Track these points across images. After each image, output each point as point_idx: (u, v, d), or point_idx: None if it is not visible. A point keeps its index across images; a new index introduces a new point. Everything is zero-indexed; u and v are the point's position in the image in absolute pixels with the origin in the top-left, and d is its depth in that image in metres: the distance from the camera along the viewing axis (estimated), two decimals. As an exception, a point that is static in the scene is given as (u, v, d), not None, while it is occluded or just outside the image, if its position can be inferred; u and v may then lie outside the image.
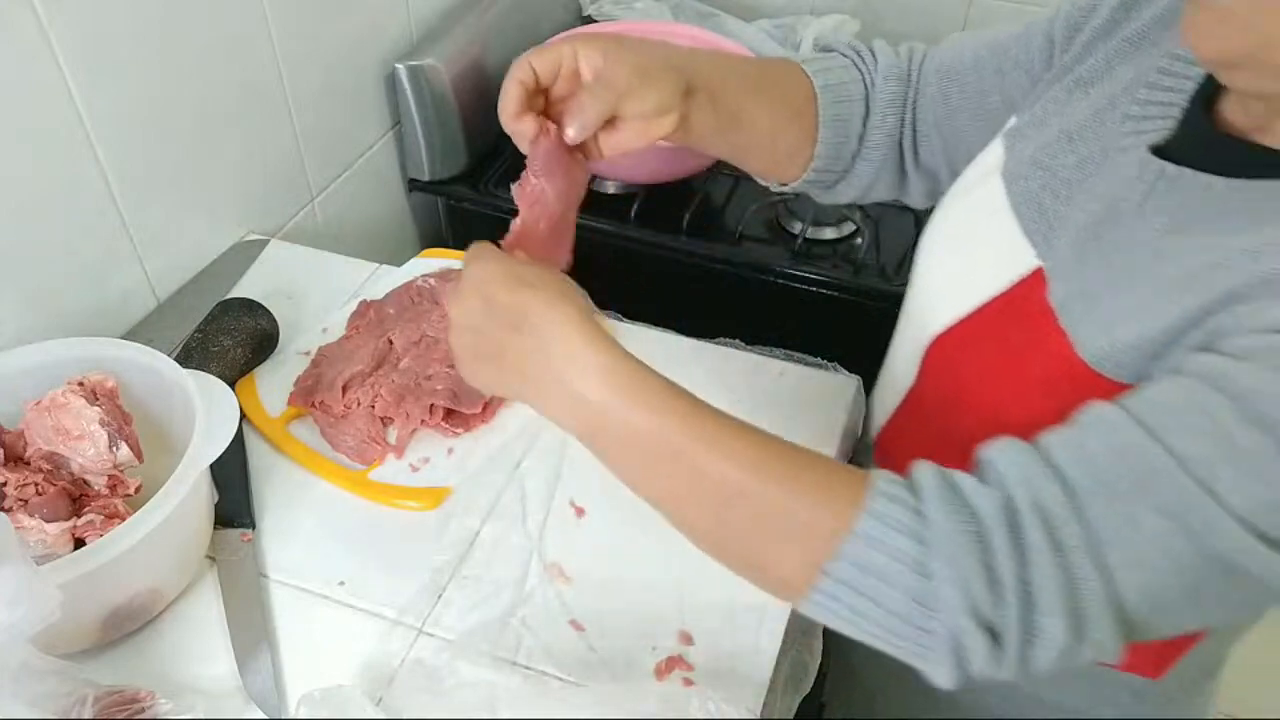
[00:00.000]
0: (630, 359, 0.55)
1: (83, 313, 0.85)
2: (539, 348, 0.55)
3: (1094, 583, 0.48)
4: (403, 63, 1.16)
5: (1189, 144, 0.59)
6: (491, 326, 0.57)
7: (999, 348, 0.65)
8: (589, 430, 0.56)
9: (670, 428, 0.54)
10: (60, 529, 0.64)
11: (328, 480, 0.77)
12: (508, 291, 0.56)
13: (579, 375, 0.54)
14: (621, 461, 0.56)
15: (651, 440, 0.54)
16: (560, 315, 0.55)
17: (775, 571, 0.54)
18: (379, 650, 0.66)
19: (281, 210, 1.08)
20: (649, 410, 0.54)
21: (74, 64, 0.78)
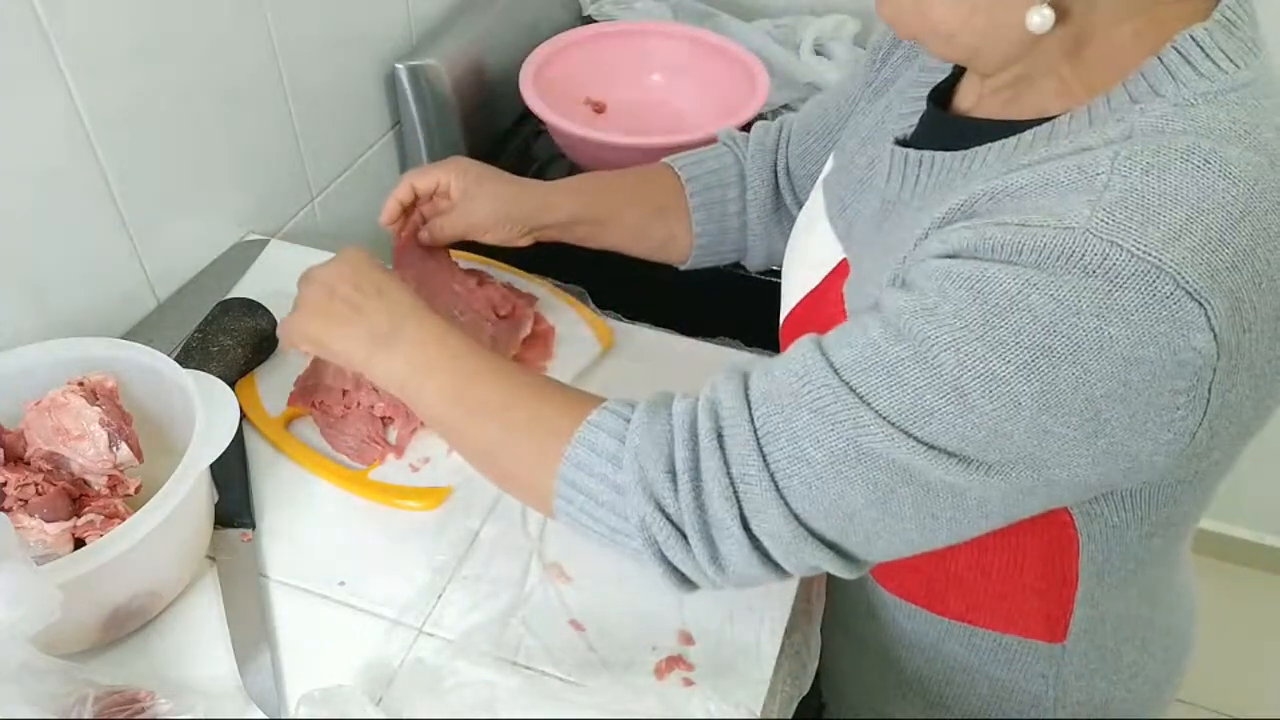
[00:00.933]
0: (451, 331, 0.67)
1: (83, 313, 0.85)
2: (394, 311, 0.67)
3: (755, 472, 0.54)
4: (403, 63, 1.16)
5: (927, 131, 0.66)
6: (351, 289, 0.68)
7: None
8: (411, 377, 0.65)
9: (470, 371, 0.65)
10: (60, 529, 0.64)
11: (328, 480, 0.77)
12: (379, 272, 0.70)
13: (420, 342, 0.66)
14: (429, 401, 0.65)
15: (458, 395, 0.64)
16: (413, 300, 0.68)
17: (524, 479, 0.64)
18: (379, 650, 0.66)
19: (281, 210, 1.08)
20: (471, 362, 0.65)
21: (74, 64, 0.78)
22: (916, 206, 0.62)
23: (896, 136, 0.67)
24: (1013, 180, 0.53)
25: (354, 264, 0.70)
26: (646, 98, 1.32)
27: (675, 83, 1.32)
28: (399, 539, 0.73)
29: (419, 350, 0.66)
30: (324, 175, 1.13)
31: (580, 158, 1.20)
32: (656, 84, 1.33)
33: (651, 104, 1.31)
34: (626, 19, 1.44)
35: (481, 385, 0.64)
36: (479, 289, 0.89)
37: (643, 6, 1.46)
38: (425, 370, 0.65)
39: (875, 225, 0.67)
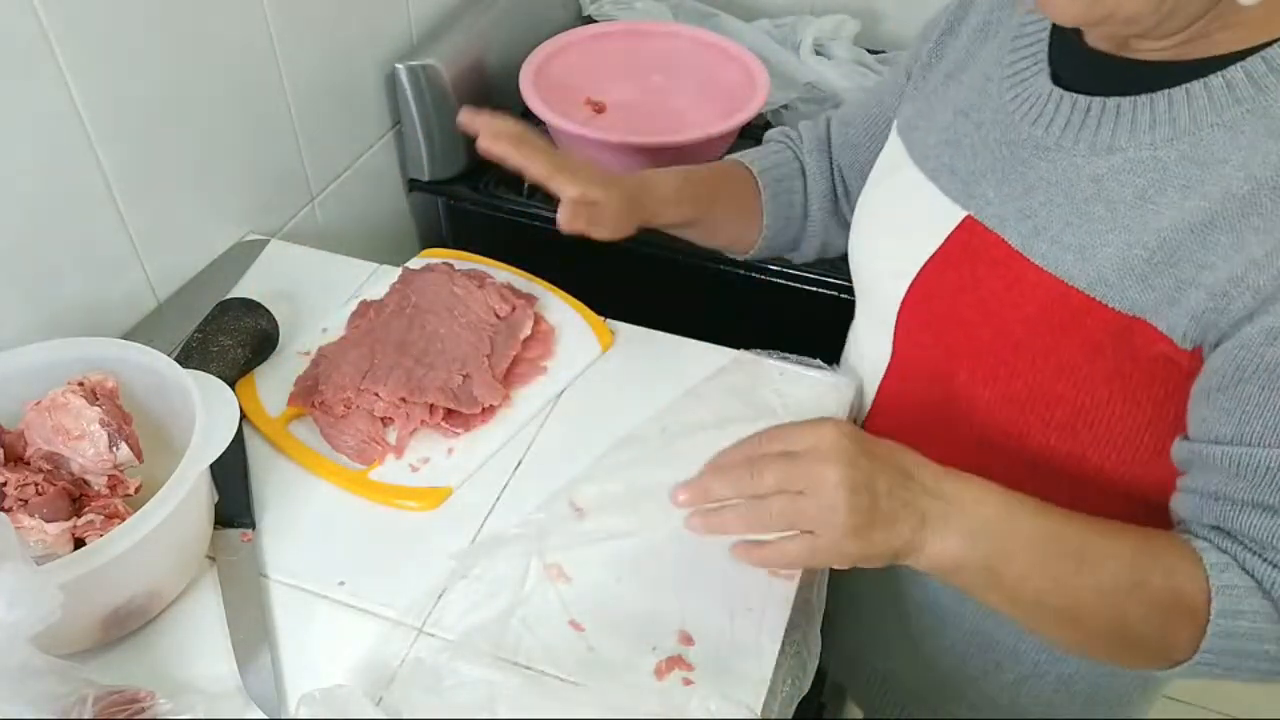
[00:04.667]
0: (987, 483, 0.61)
1: (83, 313, 0.85)
2: (932, 492, 0.59)
3: None
4: (403, 63, 1.16)
5: (1078, 71, 0.68)
6: (883, 479, 0.58)
7: (959, 297, 0.72)
8: (988, 553, 0.59)
9: (1069, 530, 0.60)
10: (60, 529, 0.64)
11: (328, 480, 0.77)
12: (874, 443, 0.60)
13: (976, 500, 0.59)
14: (1022, 571, 0.59)
15: (1053, 541, 0.59)
16: (924, 461, 0.61)
17: (1160, 656, 0.61)
18: (379, 650, 0.66)
19: (281, 210, 1.08)
20: (1044, 516, 0.60)
21: (74, 64, 0.78)
22: (1097, 153, 0.65)
23: (1052, 77, 0.68)
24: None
25: (857, 448, 0.58)
26: (646, 98, 1.32)
27: (675, 83, 1.32)
28: (399, 539, 0.73)
29: (988, 528, 0.59)
30: (324, 175, 1.13)
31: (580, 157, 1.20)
32: (656, 84, 1.33)
33: (651, 104, 1.31)
34: (626, 19, 1.44)
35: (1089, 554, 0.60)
36: (479, 290, 0.89)
37: (643, 6, 1.46)
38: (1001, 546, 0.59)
39: (1019, 177, 0.68)
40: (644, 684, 0.64)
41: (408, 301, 0.89)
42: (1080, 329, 0.64)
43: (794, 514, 0.58)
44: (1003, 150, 0.70)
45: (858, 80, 1.33)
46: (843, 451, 0.57)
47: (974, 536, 0.59)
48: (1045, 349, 0.66)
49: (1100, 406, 0.67)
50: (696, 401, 0.83)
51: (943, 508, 0.59)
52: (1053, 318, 0.65)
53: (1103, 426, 0.68)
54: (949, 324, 0.73)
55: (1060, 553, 0.59)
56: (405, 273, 0.93)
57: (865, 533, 0.57)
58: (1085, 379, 0.66)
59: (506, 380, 0.84)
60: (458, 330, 0.86)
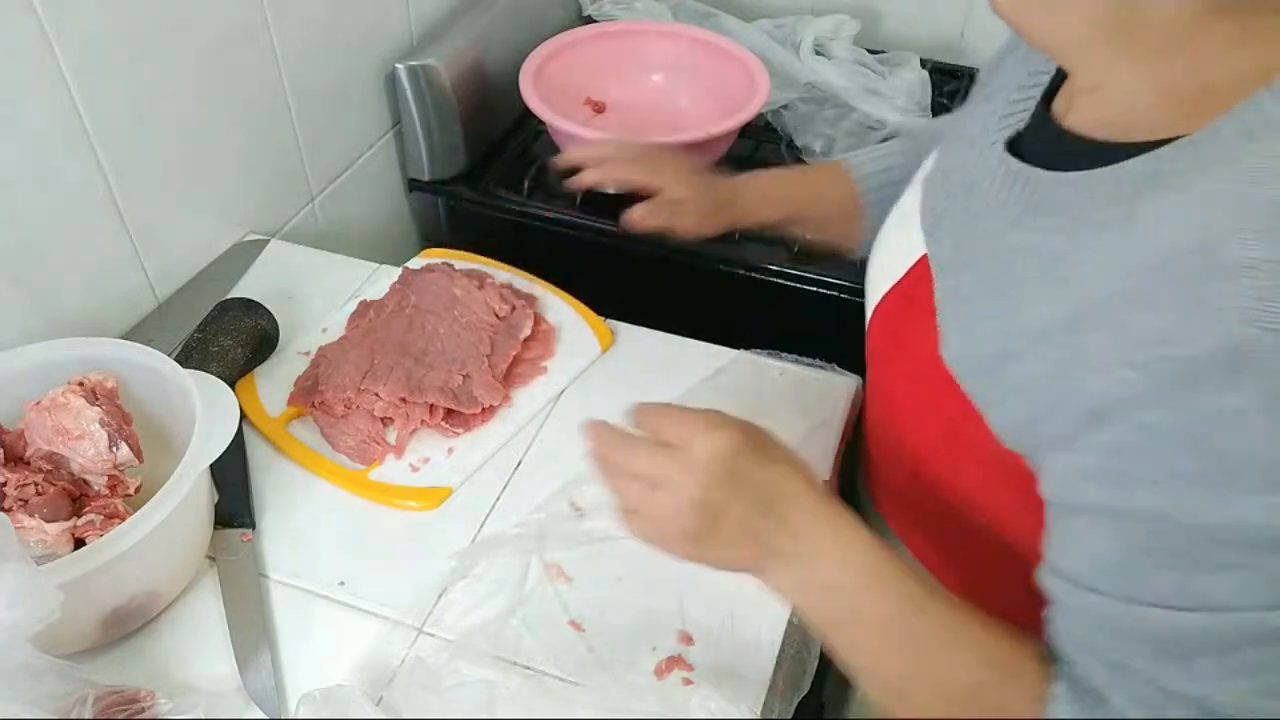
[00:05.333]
0: (871, 545, 0.58)
1: (83, 313, 0.85)
2: (799, 536, 0.58)
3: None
4: (403, 63, 1.16)
5: (1036, 138, 0.63)
6: (743, 510, 0.57)
7: (890, 335, 0.72)
8: (826, 611, 0.59)
9: (906, 614, 0.56)
10: (60, 529, 0.64)
11: (328, 480, 0.77)
12: (757, 467, 0.58)
13: (824, 563, 0.58)
14: (853, 640, 0.58)
15: (886, 626, 0.57)
16: (806, 499, 0.58)
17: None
18: (379, 650, 0.66)
19: (281, 210, 1.08)
20: (885, 596, 0.57)
21: (74, 64, 0.78)
22: (1015, 226, 0.59)
23: (1008, 137, 0.64)
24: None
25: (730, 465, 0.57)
26: (646, 98, 1.32)
27: (675, 83, 1.32)
28: (399, 539, 0.73)
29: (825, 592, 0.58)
30: (324, 175, 1.13)
31: (580, 158, 1.20)
32: (656, 84, 1.33)
33: (651, 104, 1.31)
34: (626, 19, 1.44)
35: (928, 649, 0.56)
36: (479, 291, 0.89)
37: (643, 6, 1.46)
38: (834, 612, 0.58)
39: (968, 232, 0.64)
40: (644, 684, 0.64)
41: (408, 301, 0.89)
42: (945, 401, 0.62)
43: (643, 501, 0.59)
44: (965, 196, 0.65)
45: (858, 80, 1.33)
46: (710, 469, 0.57)
47: (818, 593, 0.58)
48: (929, 411, 0.65)
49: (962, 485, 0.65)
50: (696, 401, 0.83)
51: (795, 552, 0.58)
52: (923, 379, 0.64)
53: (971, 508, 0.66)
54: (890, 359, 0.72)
55: (900, 644, 0.57)
56: (405, 273, 0.93)
57: (699, 544, 0.58)
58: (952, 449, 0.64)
59: (506, 380, 0.84)
60: (458, 330, 0.86)
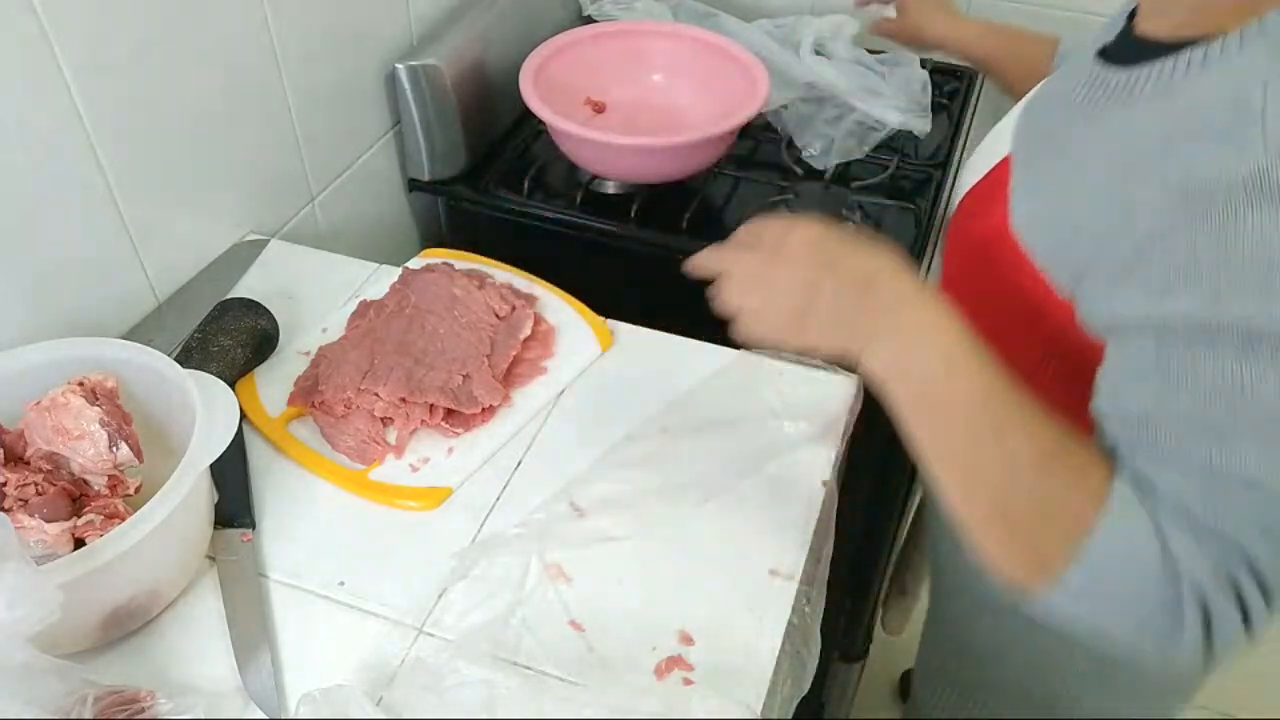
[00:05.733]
0: (957, 328, 0.60)
1: (83, 313, 0.85)
2: (889, 310, 0.60)
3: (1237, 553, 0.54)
4: (403, 63, 1.16)
5: (1118, 47, 0.71)
6: (838, 284, 0.61)
7: (964, 226, 0.80)
8: (909, 391, 0.61)
9: (982, 399, 0.59)
10: (60, 529, 0.64)
11: (328, 480, 0.77)
12: (851, 251, 0.62)
13: (927, 343, 0.60)
14: (930, 420, 0.61)
15: (962, 408, 0.59)
16: (899, 279, 0.61)
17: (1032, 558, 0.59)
18: (379, 650, 0.66)
19: (281, 210, 1.08)
20: (984, 377, 0.59)
21: (74, 64, 0.78)
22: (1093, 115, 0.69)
23: (1098, 50, 0.72)
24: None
25: (826, 250, 0.62)
26: (646, 98, 1.32)
27: (675, 83, 1.32)
28: (399, 539, 0.73)
29: (913, 377, 0.60)
30: (324, 175, 1.13)
31: (580, 158, 1.20)
32: (656, 84, 1.33)
33: (651, 104, 1.31)
34: (626, 19, 1.44)
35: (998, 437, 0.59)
36: (479, 290, 0.89)
37: (643, 6, 1.46)
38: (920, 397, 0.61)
39: (1049, 127, 0.74)
40: (644, 684, 0.64)
41: (408, 301, 0.89)
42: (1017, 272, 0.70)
43: (752, 297, 0.64)
44: (1050, 104, 0.77)
45: (858, 80, 1.33)
46: (805, 253, 0.62)
47: (902, 372, 0.61)
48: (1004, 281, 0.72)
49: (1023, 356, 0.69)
50: (696, 401, 0.83)
51: (890, 330, 0.60)
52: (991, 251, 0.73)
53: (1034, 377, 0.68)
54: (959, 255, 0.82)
55: (972, 426, 0.59)
56: (405, 273, 0.93)
57: (803, 325, 0.62)
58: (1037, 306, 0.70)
59: (506, 380, 0.84)
60: (458, 330, 0.86)
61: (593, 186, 1.23)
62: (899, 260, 0.62)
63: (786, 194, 1.21)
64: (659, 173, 1.19)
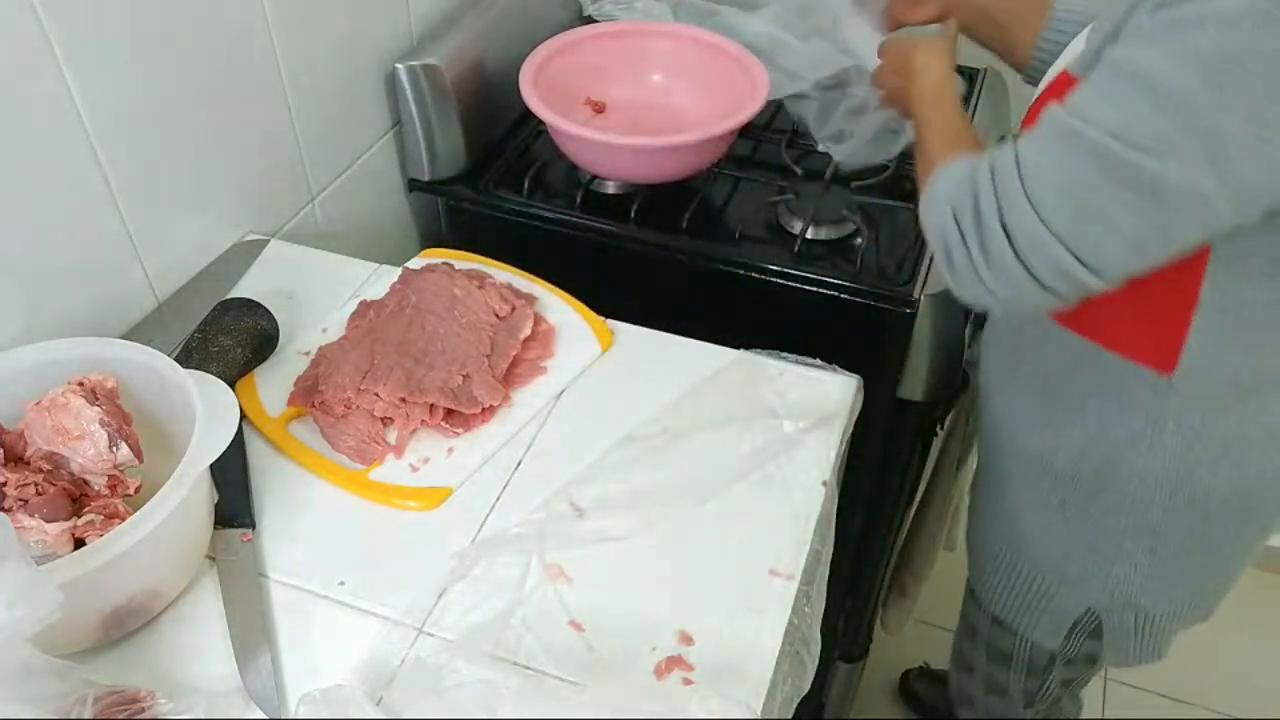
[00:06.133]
0: (951, 98, 0.96)
1: (83, 313, 0.85)
2: (921, 71, 0.98)
3: (1009, 177, 0.75)
4: (403, 63, 1.16)
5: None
6: (897, 65, 1.03)
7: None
8: (912, 95, 0.99)
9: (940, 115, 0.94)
10: (60, 529, 0.64)
11: (328, 480, 0.77)
12: (911, 47, 1.02)
13: (929, 85, 0.97)
14: (922, 134, 0.95)
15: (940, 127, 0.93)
16: (932, 72, 0.98)
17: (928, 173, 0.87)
18: (379, 650, 0.66)
19: (281, 210, 1.08)
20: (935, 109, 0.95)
21: (74, 64, 0.78)
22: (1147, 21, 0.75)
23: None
24: None
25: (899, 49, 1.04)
26: (646, 98, 1.32)
27: (675, 83, 1.32)
28: (399, 539, 0.73)
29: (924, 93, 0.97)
30: (324, 175, 1.13)
31: (580, 158, 1.20)
32: (656, 84, 1.33)
33: (651, 104, 1.31)
34: (626, 19, 1.44)
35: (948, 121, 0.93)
36: (478, 291, 0.89)
37: (643, 6, 1.46)
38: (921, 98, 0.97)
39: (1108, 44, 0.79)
40: (644, 684, 0.64)
41: (408, 301, 0.89)
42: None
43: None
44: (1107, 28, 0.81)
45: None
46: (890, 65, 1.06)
47: (917, 114, 0.97)
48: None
49: None
50: (696, 401, 0.83)
51: (914, 95, 0.98)
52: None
53: None
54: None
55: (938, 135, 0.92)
56: (405, 273, 0.93)
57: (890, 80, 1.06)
58: None
59: (506, 380, 0.84)
60: (458, 330, 0.86)
61: (593, 186, 1.23)
62: (943, 61, 0.98)
63: (786, 194, 1.21)
64: (659, 173, 1.19)
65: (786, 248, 1.15)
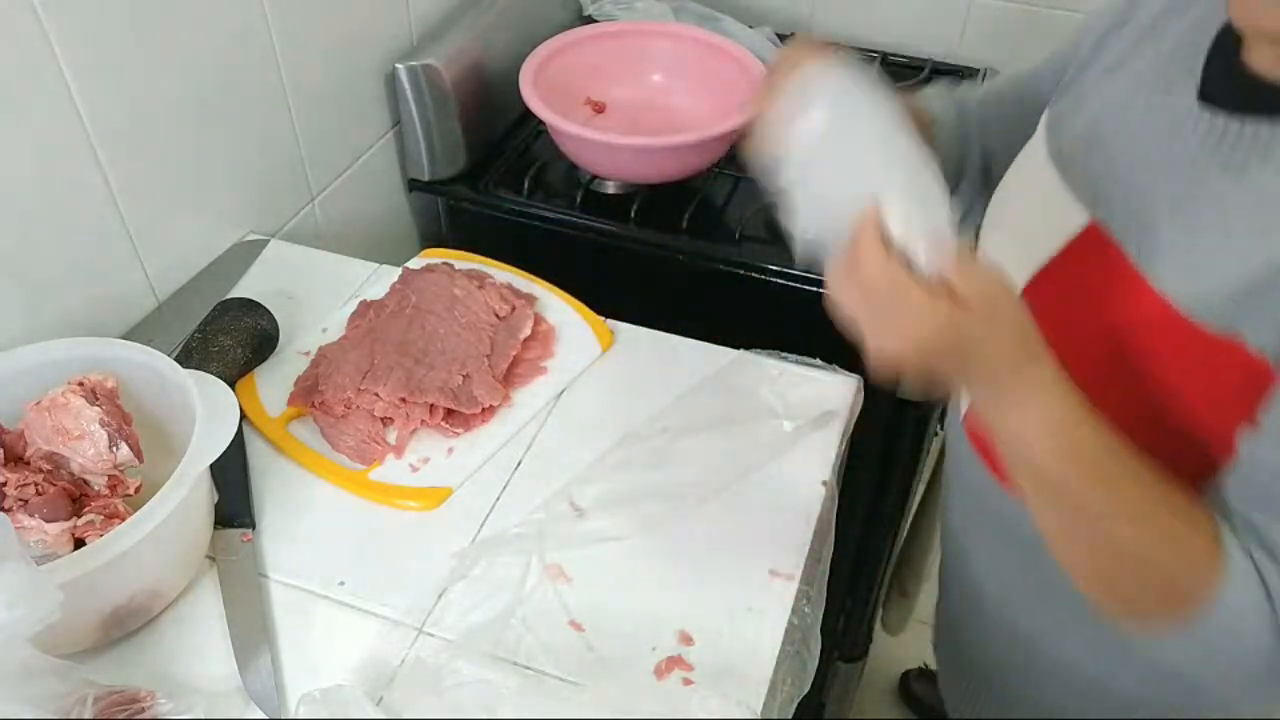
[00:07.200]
0: (1070, 400, 0.60)
1: (83, 313, 0.85)
2: (1006, 374, 0.59)
3: None
4: (403, 63, 1.16)
5: (1226, 90, 0.64)
6: (951, 363, 0.58)
7: (1066, 305, 0.71)
8: (1006, 448, 0.62)
9: (1079, 480, 0.59)
10: (60, 529, 0.64)
11: (328, 480, 0.77)
12: (985, 280, 0.58)
13: (1039, 414, 0.59)
14: (1029, 491, 0.62)
15: (1060, 488, 0.60)
16: (1024, 332, 0.59)
17: (1143, 621, 0.62)
18: (379, 650, 0.66)
19: (281, 210, 1.08)
20: (1062, 457, 0.59)
21: (74, 64, 0.78)
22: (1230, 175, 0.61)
23: (1195, 89, 0.65)
24: None
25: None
26: (646, 98, 1.32)
27: (675, 83, 1.32)
28: (399, 539, 0.73)
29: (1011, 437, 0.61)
30: (324, 175, 1.13)
31: (580, 158, 1.20)
32: (656, 84, 1.33)
33: (651, 104, 1.31)
34: (626, 19, 1.44)
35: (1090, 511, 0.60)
36: (479, 290, 0.89)
37: (643, 6, 1.46)
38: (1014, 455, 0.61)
39: (1150, 189, 0.66)
40: (644, 684, 0.64)
41: (408, 301, 0.89)
42: (1180, 354, 0.63)
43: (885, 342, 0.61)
44: (1139, 158, 0.67)
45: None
46: (924, 343, 0.57)
47: (1006, 429, 0.61)
48: (1143, 368, 0.65)
49: (1190, 416, 0.65)
50: (696, 401, 0.83)
51: (1005, 394, 0.59)
52: (1155, 339, 0.64)
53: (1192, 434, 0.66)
54: (1057, 340, 0.70)
55: (1070, 507, 0.60)
56: (405, 273, 0.93)
57: (915, 370, 0.59)
58: (1178, 394, 0.65)
59: (506, 380, 0.84)
60: (458, 330, 0.86)
61: (593, 186, 1.23)
62: (1018, 309, 0.59)
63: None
64: (659, 173, 1.19)
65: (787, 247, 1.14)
